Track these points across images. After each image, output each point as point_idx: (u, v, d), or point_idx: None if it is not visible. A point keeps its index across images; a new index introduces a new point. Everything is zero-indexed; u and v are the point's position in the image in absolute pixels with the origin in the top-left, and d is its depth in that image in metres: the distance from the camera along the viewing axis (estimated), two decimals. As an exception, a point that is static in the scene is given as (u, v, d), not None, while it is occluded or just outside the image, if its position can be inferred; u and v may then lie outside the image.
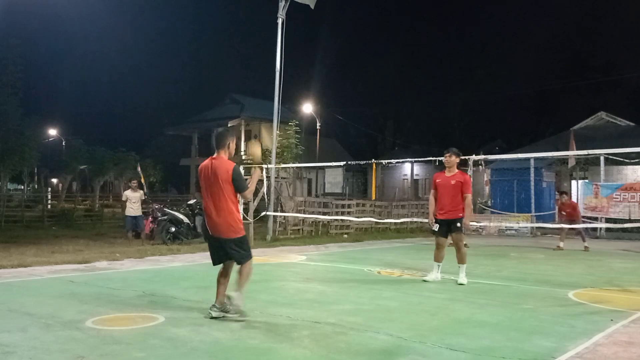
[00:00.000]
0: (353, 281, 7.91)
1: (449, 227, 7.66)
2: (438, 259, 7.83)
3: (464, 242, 13.28)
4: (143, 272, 8.69)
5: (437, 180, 7.85)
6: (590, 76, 44.79)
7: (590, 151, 10.93)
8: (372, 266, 9.51)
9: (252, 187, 5.37)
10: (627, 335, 4.83)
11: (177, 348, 4.29)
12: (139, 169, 19.10)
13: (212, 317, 5.21)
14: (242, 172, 5.72)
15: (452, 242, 7.73)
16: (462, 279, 7.58)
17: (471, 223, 12.95)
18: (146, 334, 4.71)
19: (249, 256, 5.33)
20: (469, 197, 7.69)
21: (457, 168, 7.87)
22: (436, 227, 7.74)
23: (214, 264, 5.41)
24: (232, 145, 5.37)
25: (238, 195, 5.31)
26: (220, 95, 49.32)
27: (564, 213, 13.80)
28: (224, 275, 5.37)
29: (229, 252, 5.26)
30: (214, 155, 5.35)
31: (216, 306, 5.27)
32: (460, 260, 7.66)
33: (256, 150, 35.15)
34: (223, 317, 5.21)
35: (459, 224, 7.60)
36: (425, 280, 7.79)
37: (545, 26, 65.05)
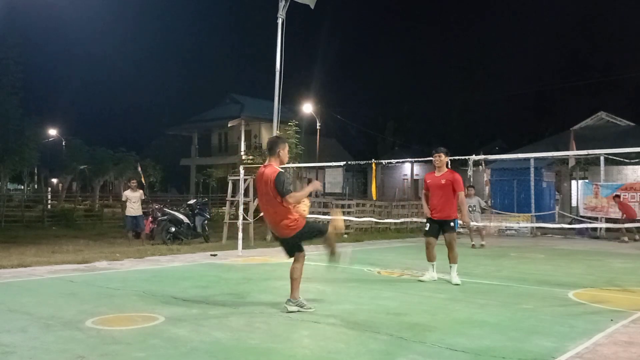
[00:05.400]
0: (353, 281, 7.90)
1: (441, 227, 7.71)
2: (431, 258, 7.86)
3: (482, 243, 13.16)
4: (143, 272, 8.68)
5: (428, 181, 7.92)
6: (590, 76, 44.79)
7: (590, 151, 10.87)
8: (372, 266, 9.50)
9: (301, 194, 5.64)
10: (627, 335, 4.82)
11: (177, 348, 4.29)
12: (139, 168, 19.11)
13: (289, 312, 5.56)
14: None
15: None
16: (455, 279, 7.60)
17: (471, 223, 13.00)
18: (146, 334, 4.70)
19: (299, 249, 5.78)
20: (462, 194, 7.73)
21: (447, 167, 7.91)
22: (427, 227, 7.82)
23: (288, 257, 5.90)
24: (283, 152, 5.68)
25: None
26: (220, 95, 49.52)
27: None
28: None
29: (290, 248, 5.78)
30: (266, 163, 5.75)
31: (291, 301, 5.63)
32: (453, 259, 7.68)
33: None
34: (298, 311, 5.57)
35: (452, 224, 7.65)
36: (420, 280, 7.82)
37: (545, 26, 65.12)
